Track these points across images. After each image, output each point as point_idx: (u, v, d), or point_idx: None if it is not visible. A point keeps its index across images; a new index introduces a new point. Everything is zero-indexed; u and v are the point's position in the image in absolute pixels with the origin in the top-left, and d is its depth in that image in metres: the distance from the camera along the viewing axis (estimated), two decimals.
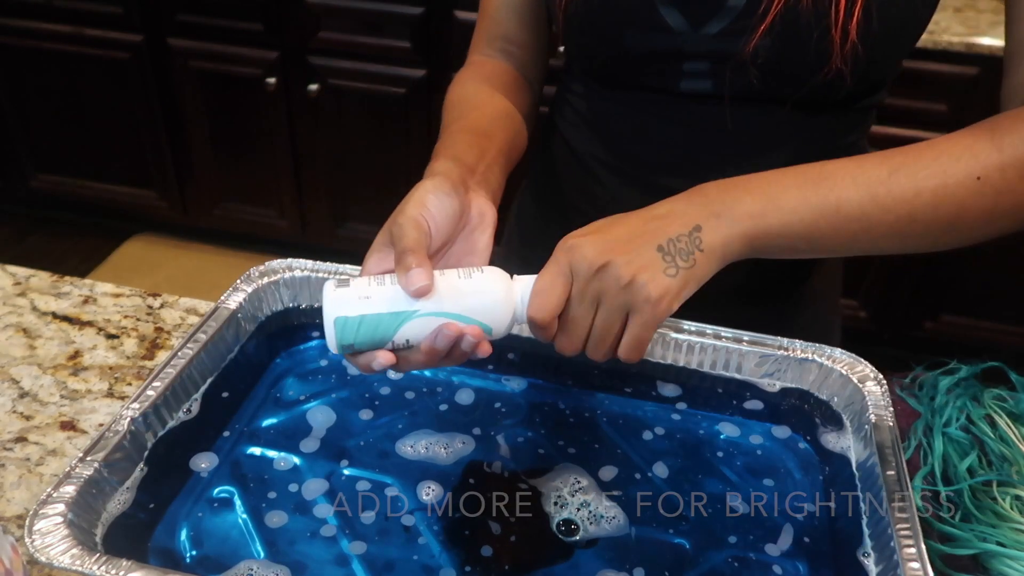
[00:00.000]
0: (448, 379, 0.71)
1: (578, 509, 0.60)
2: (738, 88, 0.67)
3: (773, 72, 0.65)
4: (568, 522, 0.59)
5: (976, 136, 0.57)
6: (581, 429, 0.67)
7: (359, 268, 0.75)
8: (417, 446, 0.64)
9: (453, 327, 0.51)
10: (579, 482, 0.62)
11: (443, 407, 0.68)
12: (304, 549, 0.56)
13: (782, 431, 0.68)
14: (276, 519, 0.58)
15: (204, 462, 0.61)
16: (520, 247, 0.90)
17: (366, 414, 0.67)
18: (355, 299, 0.51)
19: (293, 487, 0.60)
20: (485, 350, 0.53)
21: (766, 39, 0.62)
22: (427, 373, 0.71)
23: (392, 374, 0.71)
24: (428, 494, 0.60)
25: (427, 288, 0.50)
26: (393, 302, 0.51)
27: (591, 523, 0.59)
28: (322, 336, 0.74)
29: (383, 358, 0.52)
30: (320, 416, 0.66)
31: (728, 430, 0.68)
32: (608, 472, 0.63)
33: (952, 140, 0.57)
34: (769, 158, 0.71)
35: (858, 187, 0.56)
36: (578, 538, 0.58)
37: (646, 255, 0.52)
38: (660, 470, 0.64)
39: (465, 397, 0.69)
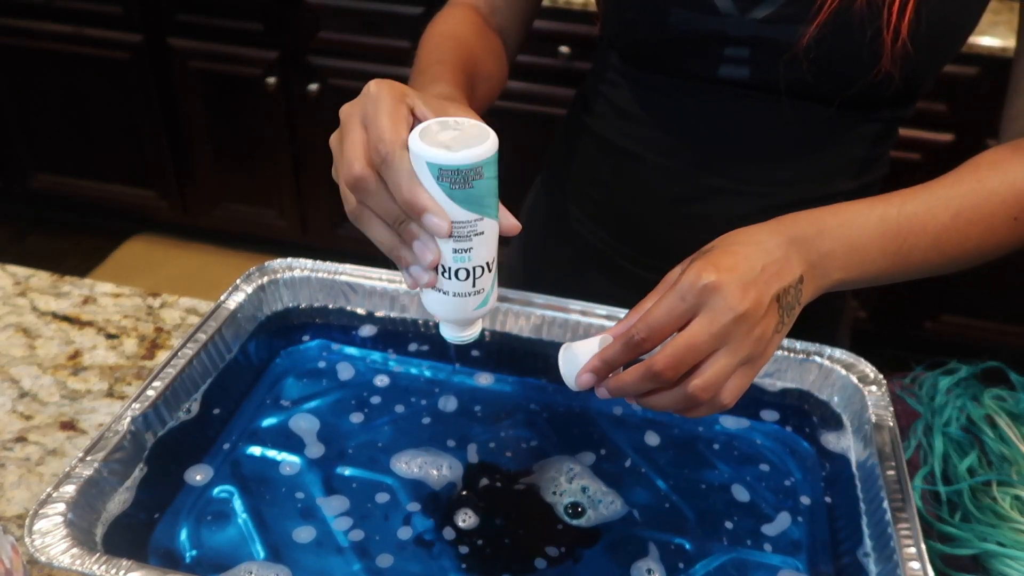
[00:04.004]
0: (448, 379, 0.71)
1: (582, 491, 0.61)
2: (786, 82, 0.67)
3: (824, 69, 0.65)
4: (575, 504, 0.60)
5: (1013, 171, 0.60)
6: (579, 427, 0.67)
7: (360, 268, 0.75)
8: (414, 448, 0.64)
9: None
10: (583, 469, 0.62)
11: (439, 403, 0.68)
12: (304, 549, 0.56)
13: (782, 431, 0.68)
14: (276, 519, 0.58)
15: (204, 462, 0.61)
16: (532, 240, 0.89)
17: (365, 415, 0.67)
18: None
19: (293, 487, 0.60)
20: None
21: (817, 34, 0.62)
22: (427, 373, 0.71)
23: (379, 382, 0.71)
24: (428, 493, 0.60)
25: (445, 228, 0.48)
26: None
27: (591, 508, 0.59)
28: (319, 336, 0.74)
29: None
30: (320, 416, 0.66)
31: (727, 430, 0.68)
32: (607, 466, 0.63)
33: (995, 177, 0.60)
34: (798, 159, 0.71)
35: (927, 236, 0.58)
36: (585, 520, 0.58)
37: (770, 305, 0.51)
38: (659, 470, 0.64)
39: (449, 404, 0.69)
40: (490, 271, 0.51)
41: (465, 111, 0.52)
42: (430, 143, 0.47)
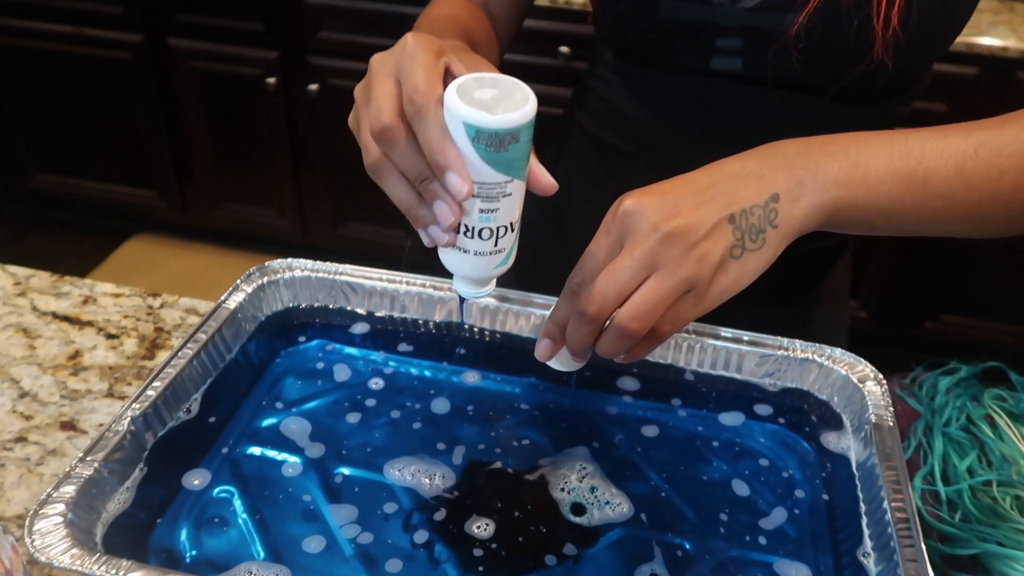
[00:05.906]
0: (449, 379, 0.71)
1: (590, 491, 0.61)
2: (777, 73, 0.66)
3: (814, 58, 0.64)
4: (579, 504, 0.59)
5: None
6: (576, 428, 0.67)
7: (360, 268, 0.75)
8: (416, 449, 0.64)
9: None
10: (585, 467, 0.62)
11: (444, 403, 0.68)
12: (304, 550, 0.56)
13: (782, 431, 0.68)
14: (276, 519, 0.58)
15: (203, 462, 0.61)
16: (527, 239, 0.89)
17: (365, 415, 0.67)
18: None
19: (293, 487, 0.60)
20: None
21: (807, 23, 0.62)
22: (428, 373, 0.71)
23: (379, 382, 0.71)
24: (431, 494, 0.60)
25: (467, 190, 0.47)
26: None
27: (597, 509, 0.59)
28: (319, 336, 0.74)
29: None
30: (320, 416, 0.66)
31: (727, 430, 0.68)
32: (608, 466, 0.63)
33: None
34: None
35: (945, 160, 0.51)
36: (587, 519, 0.58)
37: (717, 226, 0.46)
38: (659, 469, 0.64)
39: (455, 405, 0.69)
40: (513, 231, 0.50)
41: (494, 69, 0.50)
42: (468, 102, 0.45)
